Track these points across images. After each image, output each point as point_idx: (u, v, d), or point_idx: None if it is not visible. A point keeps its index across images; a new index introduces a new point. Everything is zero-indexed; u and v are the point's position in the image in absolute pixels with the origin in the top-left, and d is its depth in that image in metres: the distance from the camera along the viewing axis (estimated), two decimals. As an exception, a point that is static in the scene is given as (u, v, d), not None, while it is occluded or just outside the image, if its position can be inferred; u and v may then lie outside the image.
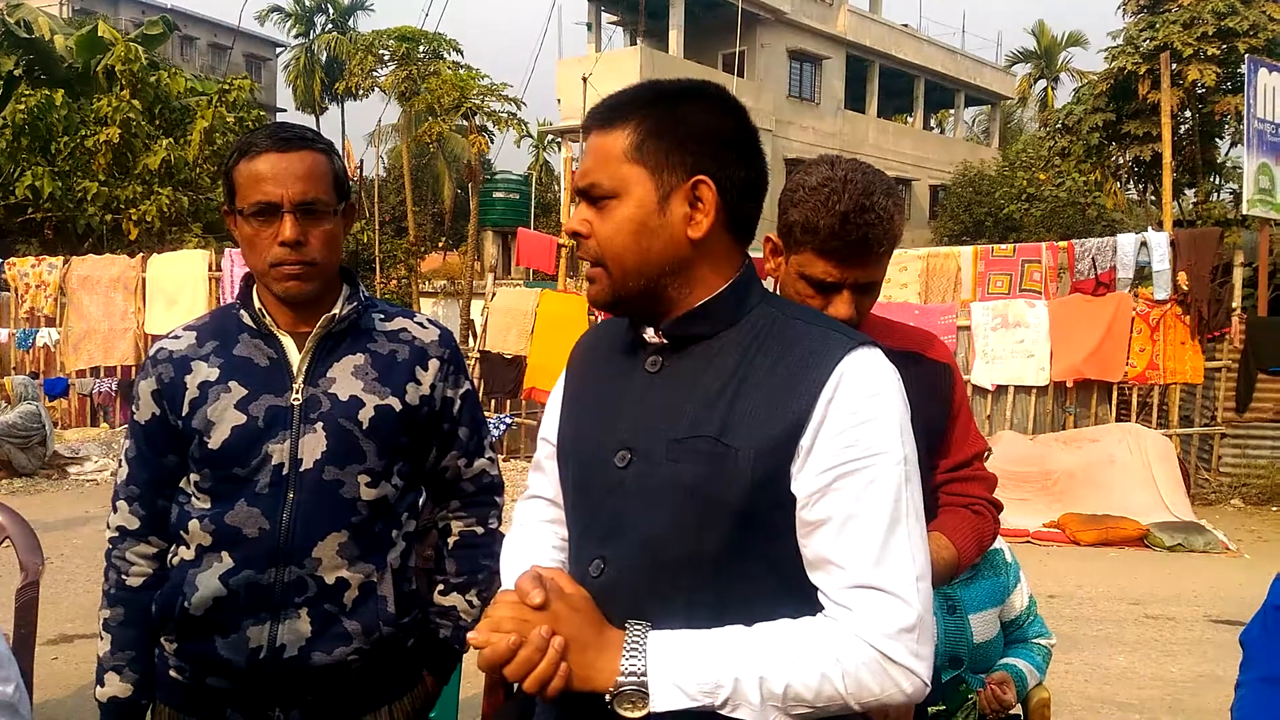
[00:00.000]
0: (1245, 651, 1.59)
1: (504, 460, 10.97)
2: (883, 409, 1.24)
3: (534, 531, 1.55)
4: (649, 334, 1.36)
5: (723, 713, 1.17)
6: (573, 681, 1.19)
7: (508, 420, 11.28)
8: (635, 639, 1.20)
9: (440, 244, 27.77)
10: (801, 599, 1.25)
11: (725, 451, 1.24)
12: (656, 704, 1.16)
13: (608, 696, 1.18)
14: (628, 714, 1.18)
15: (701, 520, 1.25)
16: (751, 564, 1.26)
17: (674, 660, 1.18)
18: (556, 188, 28.95)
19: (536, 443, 1.58)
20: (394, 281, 19.49)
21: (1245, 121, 11.21)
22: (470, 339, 13.82)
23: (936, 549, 1.77)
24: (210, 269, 12.36)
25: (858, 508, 1.21)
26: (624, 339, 1.42)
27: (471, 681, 3.20)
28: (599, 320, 1.60)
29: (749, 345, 1.30)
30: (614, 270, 1.32)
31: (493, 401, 11.47)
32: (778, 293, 1.84)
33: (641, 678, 1.17)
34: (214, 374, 1.77)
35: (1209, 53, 17.62)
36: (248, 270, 1.83)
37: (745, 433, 1.24)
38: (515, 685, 1.41)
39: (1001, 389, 10.20)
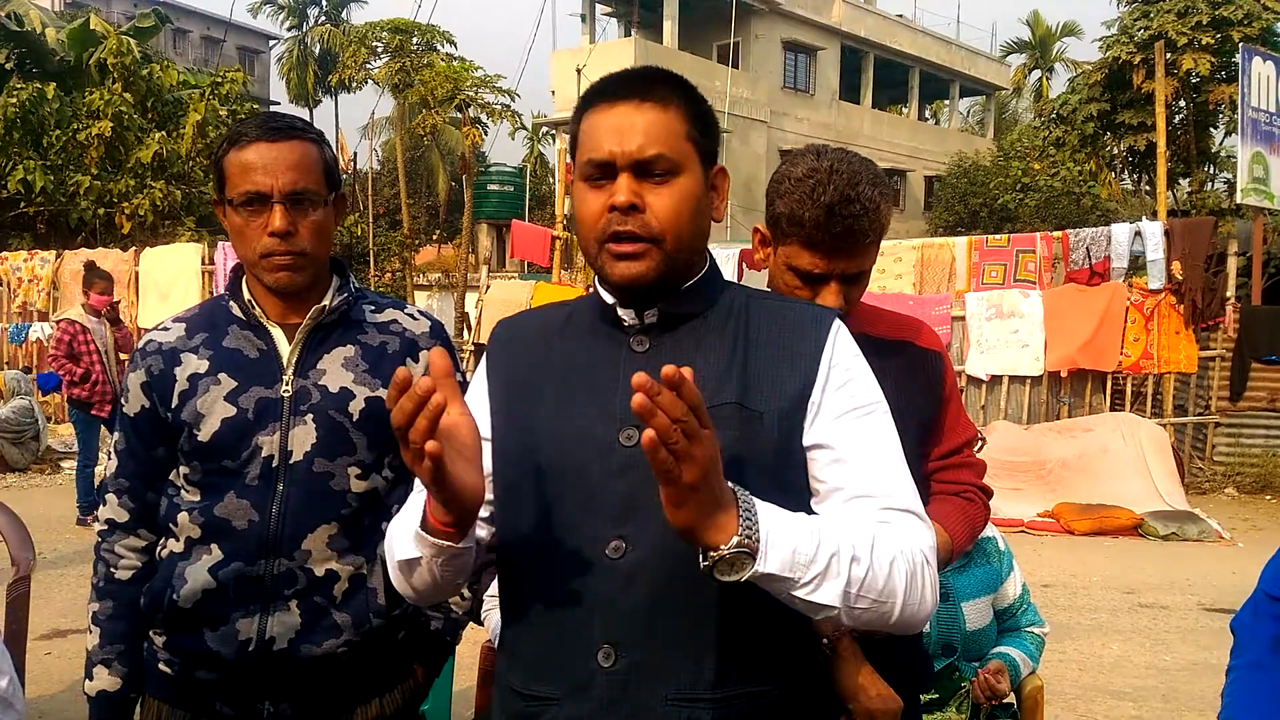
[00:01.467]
0: (1236, 638, 1.59)
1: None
2: (864, 367, 1.40)
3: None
4: (629, 315, 1.37)
5: (794, 592, 1.17)
6: (686, 517, 1.11)
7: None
8: (746, 502, 1.15)
9: (435, 237, 27.74)
10: None
11: (750, 415, 1.31)
12: (764, 564, 1.14)
13: (711, 558, 1.12)
14: (723, 578, 1.14)
15: (734, 481, 1.23)
16: None
17: (781, 528, 1.16)
18: (551, 180, 28.89)
19: None
20: (388, 274, 19.48)
21: (1239, 111, 11.22)
22: (465, 331, 13.82)
23: None
24: (203, 262, 12.34)
25: (876, 444, 1.34)
26: (585, 324, 1.43)
27: (465, 675, 3.20)
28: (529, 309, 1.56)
29: (735, 319, 1.39)
30: (671, 245, 1.33)
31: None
32: (768, 283, 1.84)
33: (754, 538, 1.13)
34: (203, 366, 1.76)
35: (1203, 42, 17.63)
36: (237, 261, 1.82)
37: (764, 396, 1.32)
38: None
39: (996, 379, 10.22)
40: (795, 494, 1.32)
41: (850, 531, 1.23)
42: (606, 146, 1.32)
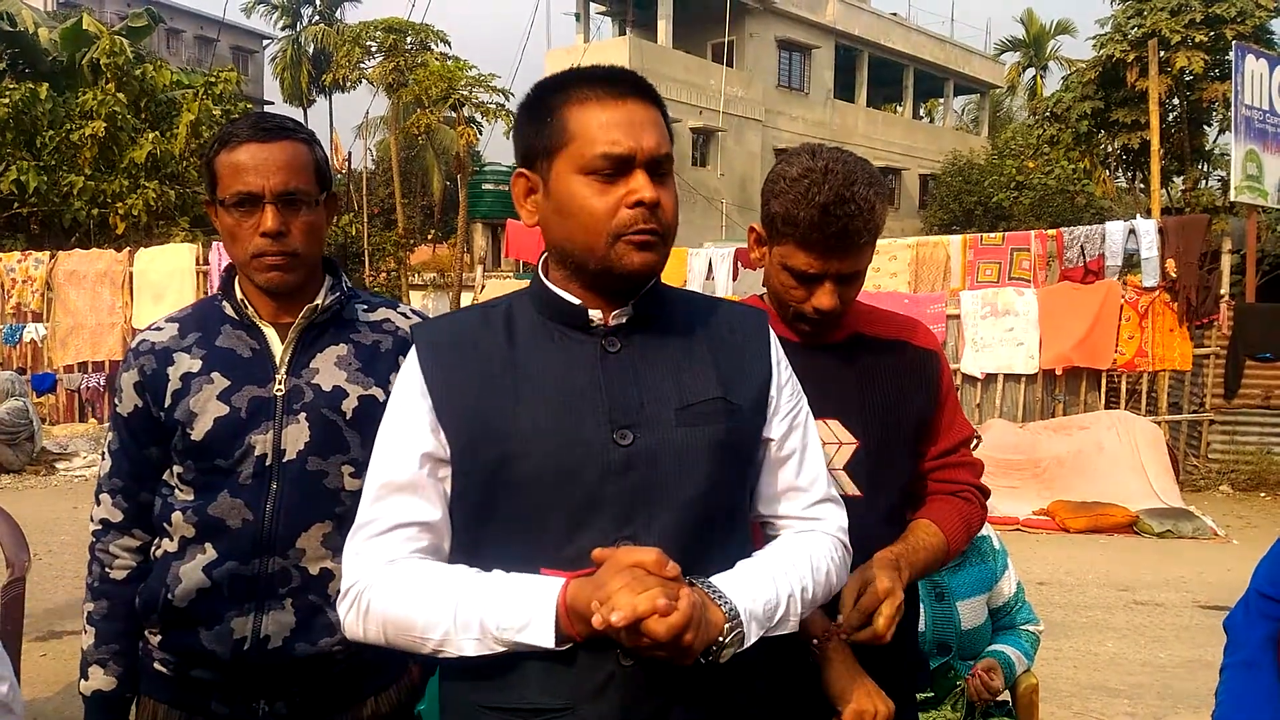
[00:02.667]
0: (1229, 636, 1.60)
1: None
2: (788, 363, 1.52)
3: (438, 564, 1.35)
4: (597, 315, 1.37)
5: (771, 634, 1.31)
6: (693, 652, 1.20)
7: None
8: (709, 589, 1.26)
9: (429, 236, 27.70)
10: (743, 534, 1.44)
11: (734, 408, 1.39)
12: (750, 638, 1.26)
13: (714, 645, 1.23)
14: (724, 658, 1.24)
15: (729, 474, 1.38)
16: (743, 506, 1.45)
17: (748, 596, 1.28)
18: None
19: (390, 467, 1.37)
20: (383, 274, 19.47)
21: (1233, 108, 11.25)
22: (460, 331, 13.79)
23: (926, 537, 1.77)
24: (197, 262, 12.32)
25: (807, 440, 1.49)
26: (538, 326, 1.39)
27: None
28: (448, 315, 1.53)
29: (690, 317, 1.45)
30: (670, 241, 1.38)
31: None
32: (763, 282, 1.84)
33: (738, 619, 1.25)
34: (196, 365, 1.76)
35: (1197, 40, 17.68)
36: (230, 261, 1.82)
37: (740, 390, 1.40)
38: None
39: (991, 377, 10.23)
40: (750, 486, 1.45)
41: (794, 564, 1.37)
42: (626, 142, 1.31)
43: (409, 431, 1.36)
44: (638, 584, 1.16)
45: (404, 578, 1.31)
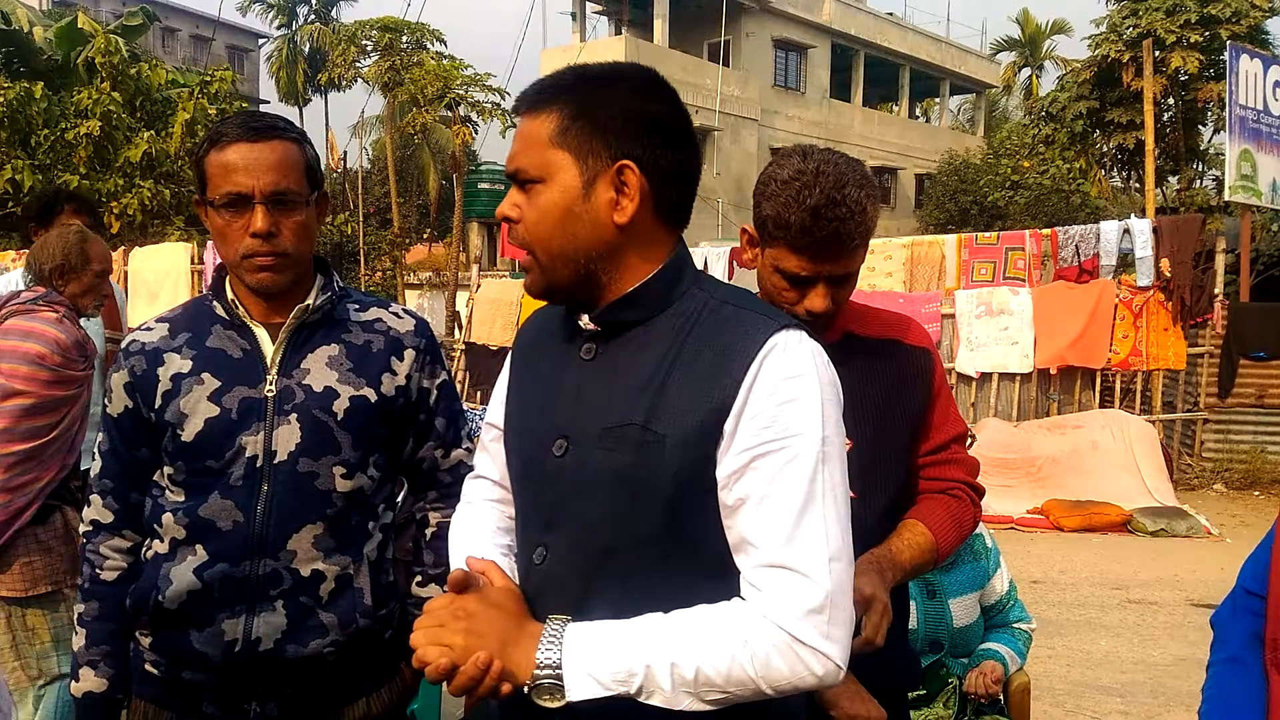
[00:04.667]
0: (1215, 633, 1.61)
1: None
2: (803, 390, 1.23)
3: (481, 510, 1.57)
4: (584, 320, 1.35)
5: (639, 700, 1.18)
6: (497, 677, 1.20)
7: (494, 411, 11.26)
8: (553, 632, 1.21)
9: (425, 235, 27.64)
10: (729, 583, 1.24)
11: (653, 439, 1.24)
12: (572, 694, 1.17)
13: (525, 689, 1.19)
14: (546, 704, 1.19)
15: (634, 507, 1.26)
16: (682, 550, 1.27)
17: (587, 651, 1.18)
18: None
19: (485, 428, 1.61)
20: (379, 273, 19.42)
21: (1227, 108, 11.26)
22: (456, 330, 13.79)
23: (912, 538, 1.77)
24: (192, 262, 12.32)
25: (772, 488, 1.20)
26: (562, 326, 1.41)
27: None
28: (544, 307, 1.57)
29: (680, 331, 1.29)
30: (541, 257, 1.32)
31: (479, 393, 11.45)
32: (756, 284, 1.84)
33: (556, 669, 1.17)
34: (187, 366, 1.75)
35: (1192, 39, 17.68)
36: (221, 261, 1.82)
37: (671, 420, 1.24)
38: None
39: (986, 376, 10.24)
40: (706, 522, 1.25)
41: (679, 635, 1.18)
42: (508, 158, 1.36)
43: (494, 400, 1.55)
44: (442, 618, 1.25)
45: (463, 520, 1.57)
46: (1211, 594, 6.33)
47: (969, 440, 2.01)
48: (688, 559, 1.27)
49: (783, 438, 1.21)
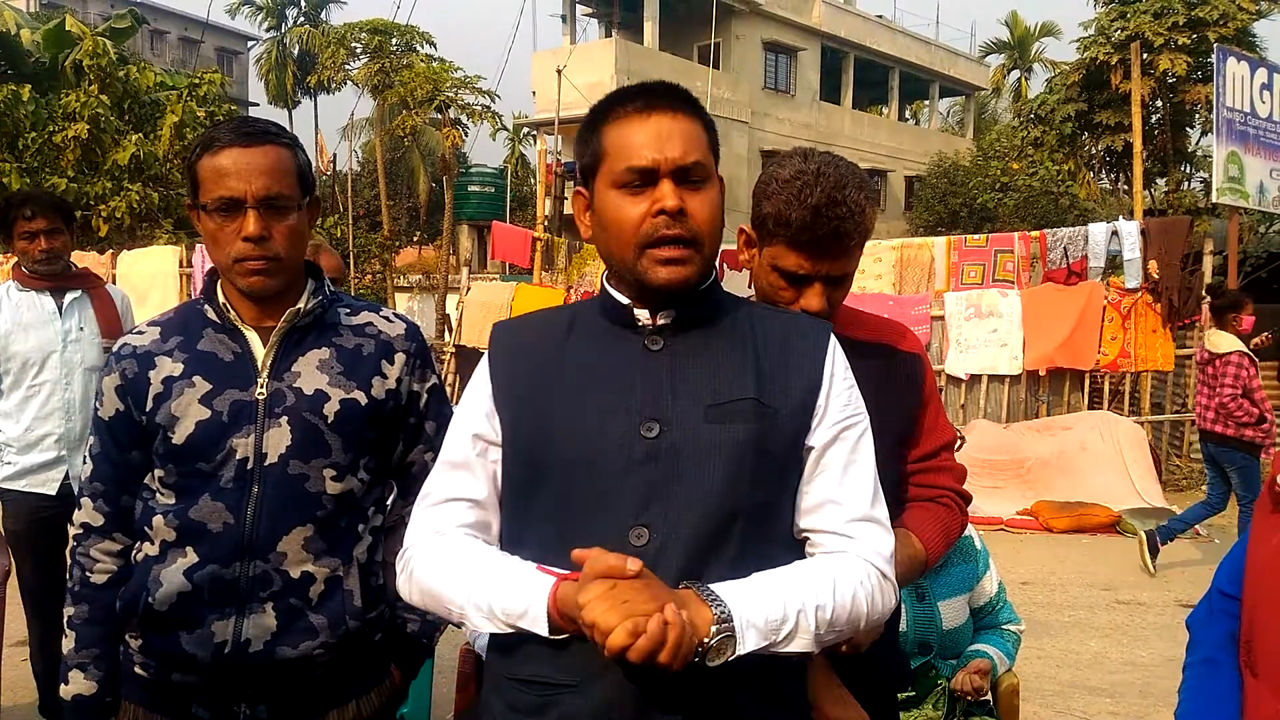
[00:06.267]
0: (1191, 634, 1.62)
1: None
2: (853, 378, 1.50)
3: (467, 541, 1.45)
4: (643, 316, 1.44)
5: (777, 650, 1.28)
6: (682, 631, 1.20)
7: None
8: (706, 593, 1.26)
9: (415, 238, 27.63)
10: (793, 541, 1.44)
11: (767, 409, 1.39)
12: (743, 645, 1.25)
13: (701, 647, 1.22)
14: (713, 662, 1.23)
15: (753, 472, 1.38)
16: (784, 511, 1.43)
17: (747, 604, 1.26)
18: (532, 181, 28.83)
19: (450, 446, 1.50)
20: (369, 276, 19.40)
21: (1215, 110, 11.31)
22: (446, 333, 13.78)
23: (901, 547, 1.78)
24: (181, 265, 12.26)
25: (855, 456, 1.45)
26: (593, 325, 1.48)
27: (445, 677, 3.20)
28: (527, 313, 1.61)
29: (738, 324, 1.47)
30: (708, 250, 1.43)
31: (469, 395, 11.42)
32: (751, 284, 1.86)
33: (728, 623, 1.24)
34: (178, 369, 1.76)
35: (1179, 42, 17.78)
36: (213, 265, 1.82)
37: (777, 394, 1.41)
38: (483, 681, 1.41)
39: (975, 378, 10.27)
40: (794, 484, 1.43)
41: (811, 580, 1.34)
42: (649, 154, 1.40)
43: (469, 415, 1.50)
44: (611, 598, 1.19)
45: (441, 552, 1.43)
46: (1199, 595, 6.32)
47: (959, 443, 2.03)
48: (785, 519, 1.43)
49: (856, 414, 1.47)
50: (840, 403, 1.45)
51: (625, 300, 1.46)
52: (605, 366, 1.43)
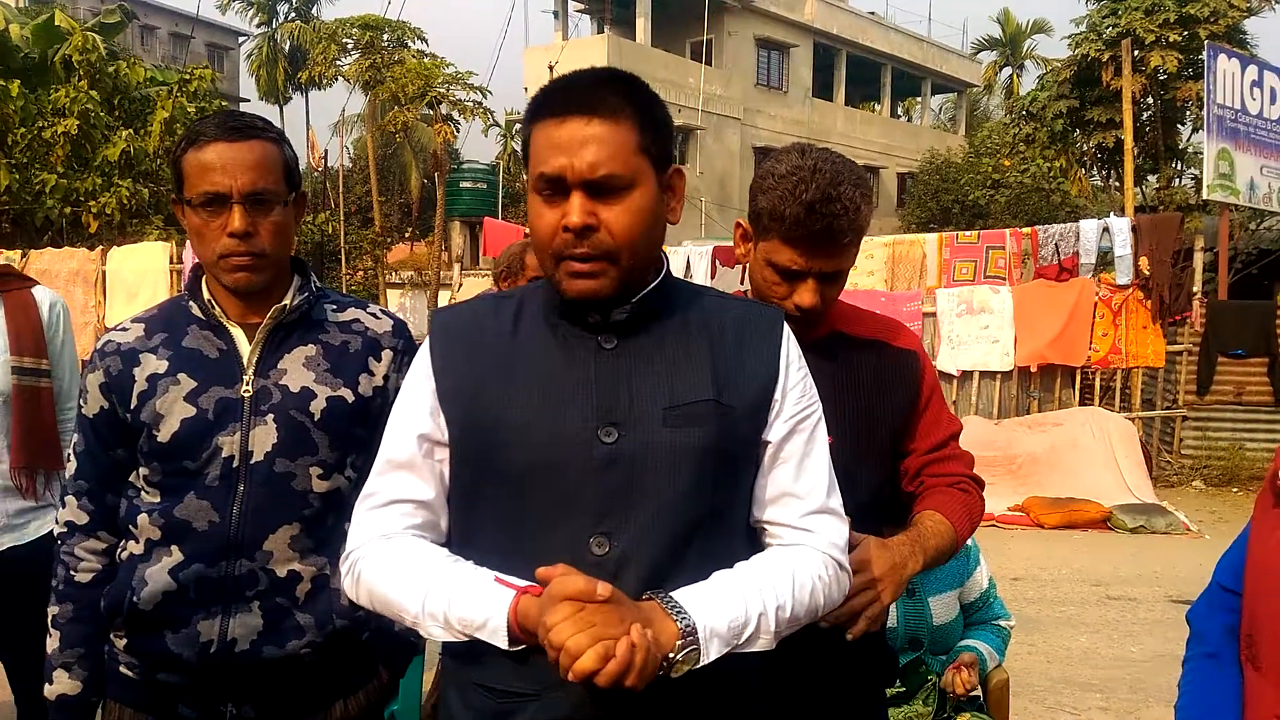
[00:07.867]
0: (1191, 628, 1.62)
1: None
2: (806, 367, 1.48)
3: (417, 543, 1.40)
4: (595, 315, 1.37)
5: (739, 650, 1.27)
6: (647, 650, 1.19)
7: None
8: (668, 603, 1.25)
9: (407, 234, 27.55)
10: (750, 532, 1.44)
11: (726, 410, 1.36)
12: (707, 654, 1.24)
13: (665, 661, 1.21)
14: (677, 674, 1.22)
15: (715, 476, 1.35)
16: (739, 509, 1.41)
17: (708, 612, 1.25)
18: (524, 177, 28.80)
19: (392, 444, 1.44)
20: (360, 273, 19.33)
21: (1205, 107, 11.34)
22: (438, 330, 13.69)
23: (934, 525, 1.79)
24: (171, 261, 12.23)
25: (810, 448, 1.43)
26: (542, 318, 1.41)
27: (432, 673, 3.18)
28: (459, 303, 1.54)
29: (692, 318, 1.42)
30: (627, 261, 1.34)
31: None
32: (745, 278, 1.86)
33: (693, 636, 1.22)
34: (163, 366, 1.74)
35: (1170, 39, 17.80)
36: (198, 261, 1.80)
37: (734, 392, 1.38)
38: None
39: (967, 374, 10.28)
40: (750, 481, 1.41)
41: (772, 580, 1.32)
42: (556, 162, 1.31)
43: (412, 412, 1.43)
44: (579, 621, 1.16)
45: (390, 555, 1.37)
46: (1190, 590, 6.38)
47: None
48: (742, 514, 1.42)
49: (811, 405, 1.45)
50: (795, 395, 1.43)
51: None
52: (558, 365, 1.37)
